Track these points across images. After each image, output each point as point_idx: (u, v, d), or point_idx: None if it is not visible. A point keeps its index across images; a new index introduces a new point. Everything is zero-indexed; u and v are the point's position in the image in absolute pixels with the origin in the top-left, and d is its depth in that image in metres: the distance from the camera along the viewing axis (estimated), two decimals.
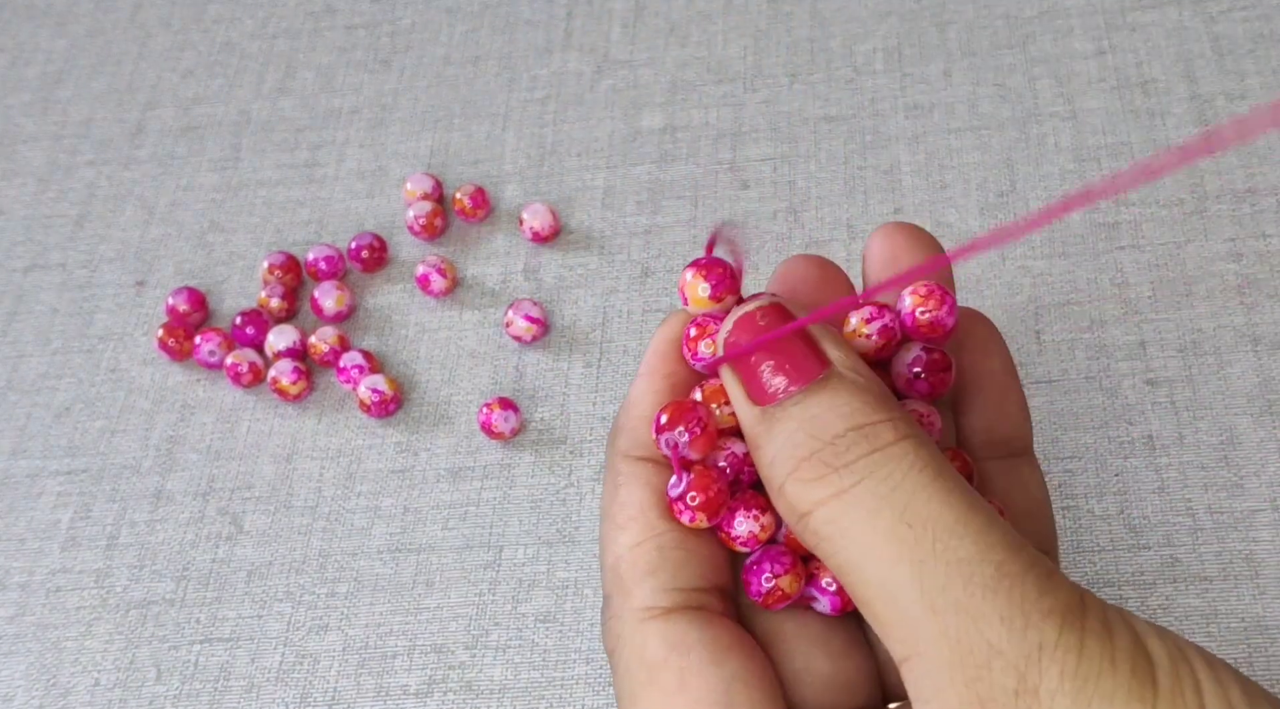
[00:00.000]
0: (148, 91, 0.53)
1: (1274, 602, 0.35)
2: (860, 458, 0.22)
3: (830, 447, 0.23)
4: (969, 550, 0.22)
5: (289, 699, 0.38)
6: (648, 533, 0.26)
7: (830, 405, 0.23)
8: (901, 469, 0.22)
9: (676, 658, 0.24)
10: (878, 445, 0.22)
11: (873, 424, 0.23)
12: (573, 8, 0.52)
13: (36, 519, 0.43)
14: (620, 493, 0.26)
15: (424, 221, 0.46)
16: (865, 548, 0.22)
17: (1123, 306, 0.40)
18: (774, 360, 0.24)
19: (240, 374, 0.44)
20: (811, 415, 0.23)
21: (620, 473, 0.26)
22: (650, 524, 0.26)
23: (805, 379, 0.23)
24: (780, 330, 0.24)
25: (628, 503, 0.26)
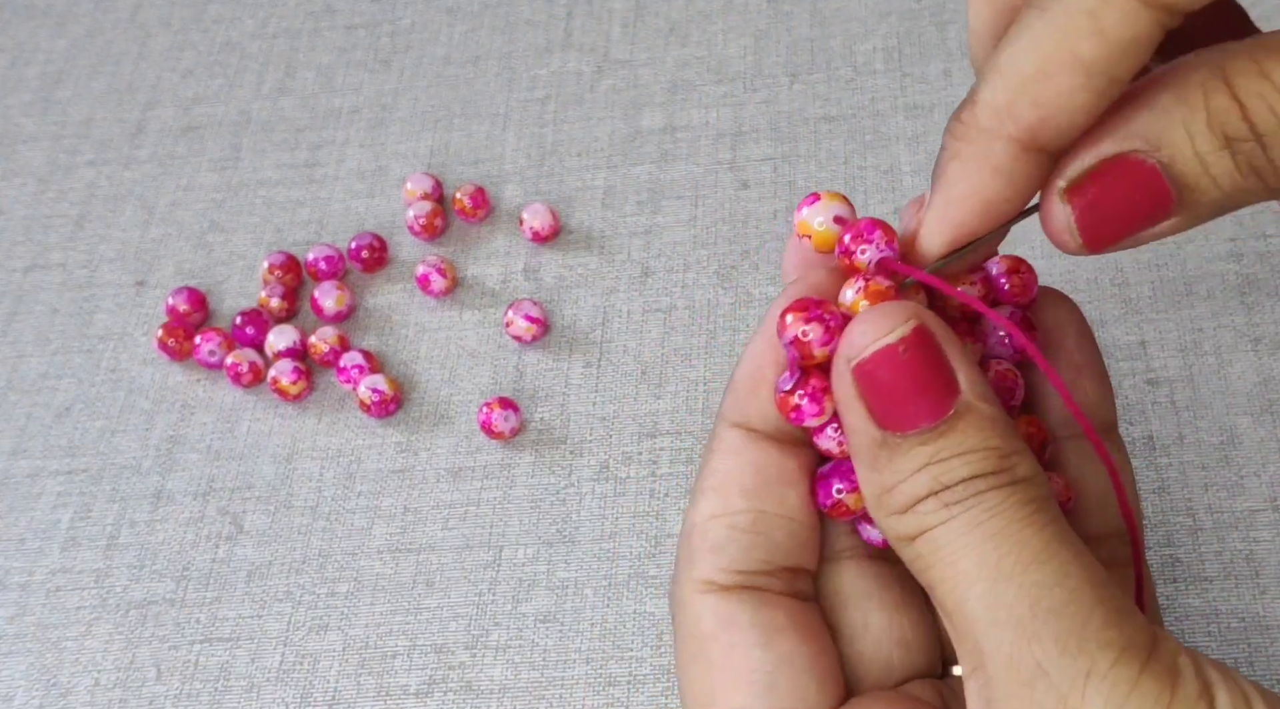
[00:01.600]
0: (148, 91, 0.53)
1: (1274, 602, 0.35)
2: (973, 495, 0.23)
3: (950, 491, 0.23)
4: (1045, 576, 0.22)
5: (289, 699, 0.38)
6: (725, 508, 0.25)
7: (958, 448, 0.23)
8: (1004, 502, 0.22)
9: (725, 635, 0.25)
10: (991, 484, 0.23)
11: (995, 473, 0.23)
12: (573, 8, 0.52)
13: (36, 519, 0.43)
14: (713, 459, 0.26)
15: (424, 221, 0.46)
16: (953, 565, 0.22)
17: (1123, 306, 0.40)
18: (906, 387, 0.23)
19: (240, 374, 0.44)
20: (938, 458, 0.23)
21: (719, 438, 0.26)
22: (730, 499, 0.25)
23: (937, 413, 0.23)
24: None
25: (717, 470, 0.26)
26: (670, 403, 0.41)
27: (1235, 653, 0.34)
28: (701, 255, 0.44)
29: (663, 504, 0.39)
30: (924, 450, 0.23)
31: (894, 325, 0.23)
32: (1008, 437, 0.23)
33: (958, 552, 0.22)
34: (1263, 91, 0.21)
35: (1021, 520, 0.22)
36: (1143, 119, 0.22)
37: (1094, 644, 0.21)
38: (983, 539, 0.22)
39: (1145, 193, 0.22)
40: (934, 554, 0.23)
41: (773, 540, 0.26)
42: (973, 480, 0.23)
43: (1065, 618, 0.21)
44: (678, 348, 0.42)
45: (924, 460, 0.23)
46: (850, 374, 0.24)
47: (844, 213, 0.25)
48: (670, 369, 0.42)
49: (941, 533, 0.23)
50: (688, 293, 0.43)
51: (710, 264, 0.44)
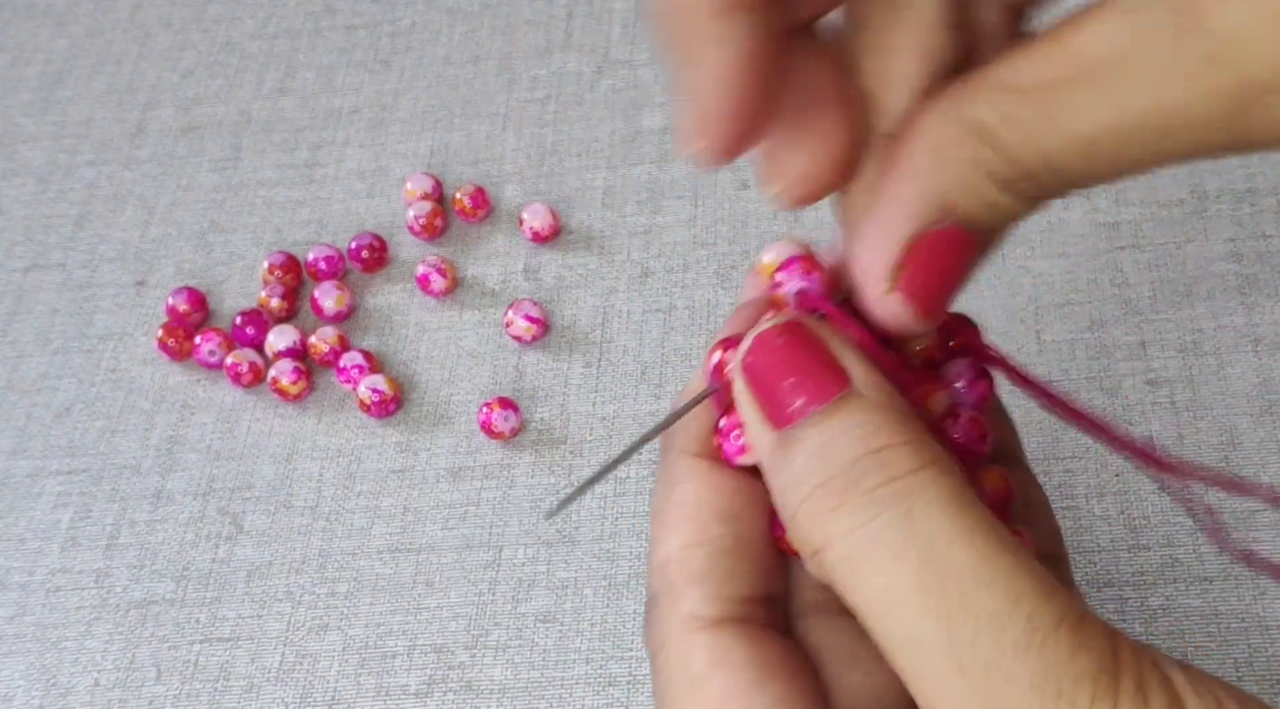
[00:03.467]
0: (148, 91, 0.53)
1: (1274, 602, 0.35)
2: (877, 487, 0.21)
3: (845, 474, 0.21)
4: (998, 603, 0.20)
5: (289, 699, 0.38)
6: (702, 536, 0.25)
7: (846, 428, 0.22)
8: (921, 505, 0.21)
9: (721, 675, 0.24)
10: (895, 473, 0.21)
11: (890, 447, 0.22)
12: (573, 8, 0.52)
13: (36, 519, 0.43)
14: (676, 491, 0.25)
15: (424, 221, 0.46)
16: (886, 595, 0.21)
17: (1123, 306, 0.40)
18: (791, 379, 0.23)
19: (240, 374, 0.44)
20: (826, 439, 0.22)
21: (677, 468, 0.25)
22: (704, 526, 0.25)
23: (824, 398, 0.22)
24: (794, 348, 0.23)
25: (684, 502, 0.25)
26: (670, 403, 0.41)
27: (1235, 653, 0.34)
28: (701, 255, 0.44)
29: None
30: (811, 432, 0.22)
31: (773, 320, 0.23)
32: (906, 420, 0.22)
33: (890, 578, 0.21)
34: (1013, 131, 0.21)
35: (947, 530, 0.21)
36: (924, 186, 0.22)
37: (1070, 681, 0.20)
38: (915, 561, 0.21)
39: (959, 251, 0.22)
40: (859, 577, 0.21)
41: (756, 565, 0.25)
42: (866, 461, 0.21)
43: (1034, 651, 0.20)
44: (678, 348, 0.42)
45: (815, 442, 0.22)
46: (740, 375, 0.23)
47: (796, 253, 0.25)
48: (670, 369, 0.42)
49: (856, 544, 0.21)
50: (688, 293, 0.43)
51: (710, 264, 0.44)
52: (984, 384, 0.25)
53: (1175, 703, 0.20)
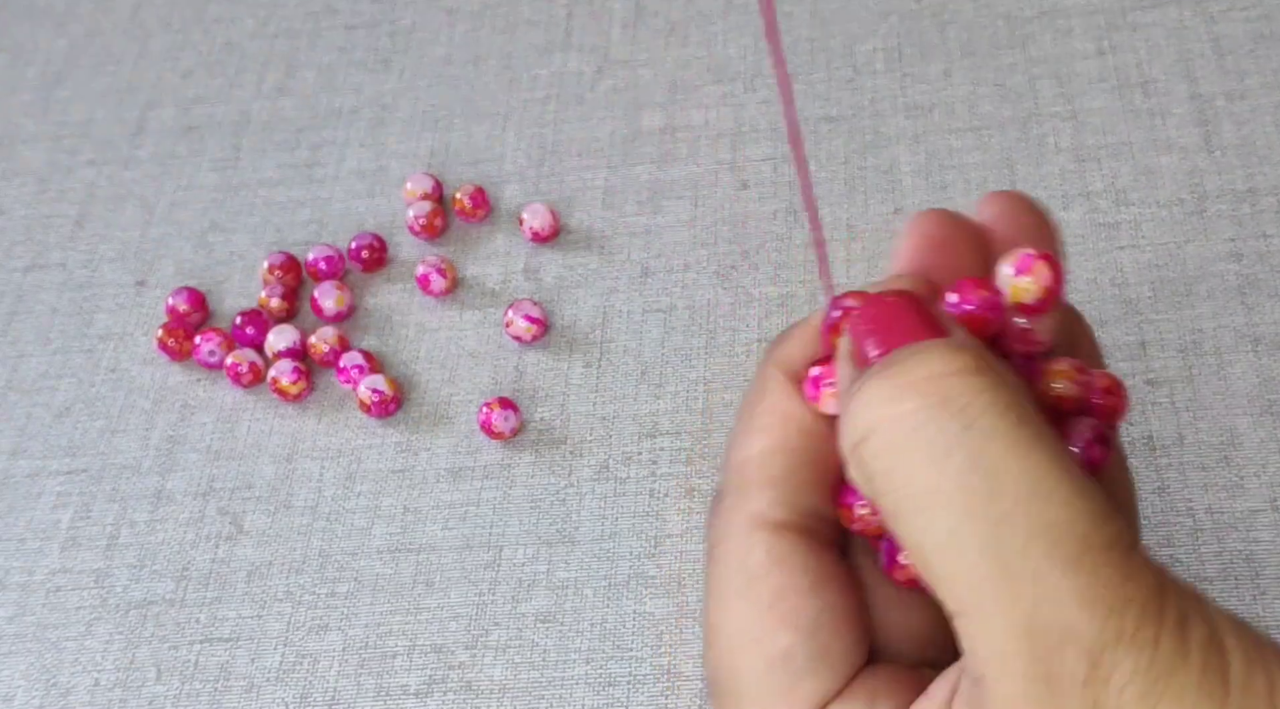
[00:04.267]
0: (148, 91, 0.53)
1: (1274, 602, 0.35)
2: (931, 377, 0.21)
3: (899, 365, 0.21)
4: (1055, 515, 0.20)
5: (289, 699, 0.38)
6: (783, 444, 0.25)
7: (923, 359, 0.21)
8: (978, 405, 0.20)
9: (778, 573, 0.24)
10: (957, 369, 0.21)
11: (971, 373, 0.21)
12: (573, 8, 0.52)
13: (36, 519, 0.43)
14: (768, 398, 0.25)
15: (424, 221, 0.46)
16: (930, 492, 0.20)
17: (1123, 307, 0.40)
18: (891, 329, 0.22)
19: (240, 374, 0.44)
20: (898, 362, 0.21)
21: (769, 380, 0.25)
22: (788, 436, 0.25)
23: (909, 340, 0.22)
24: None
25: (773, 409, 0.25)
26: (670, 403, 0.41)
27: None
28: (701, 255, 0.44)
29: (662, 504, 0.39)
30: (885, 361, 0.22)
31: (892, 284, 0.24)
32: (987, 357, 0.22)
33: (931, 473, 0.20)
34: None
35: (1004, 436, 0.20)
36: None
37: (1118, 601, 0.20)
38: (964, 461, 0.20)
39: None
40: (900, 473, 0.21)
41: (827, 485, 0.25)
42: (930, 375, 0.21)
43: (1085, 572, 0.20)
44: (678, 348, 0.42)
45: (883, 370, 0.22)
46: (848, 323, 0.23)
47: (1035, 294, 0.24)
48: (670, 369, 0.42)
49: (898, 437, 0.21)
50: (688, 293, 0.43)
51: (710, 264, 0.44)
52: (1099, 451, 0.25)
53: (1214, 640, 0.20)
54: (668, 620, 0.37)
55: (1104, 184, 0.43)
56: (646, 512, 0.39)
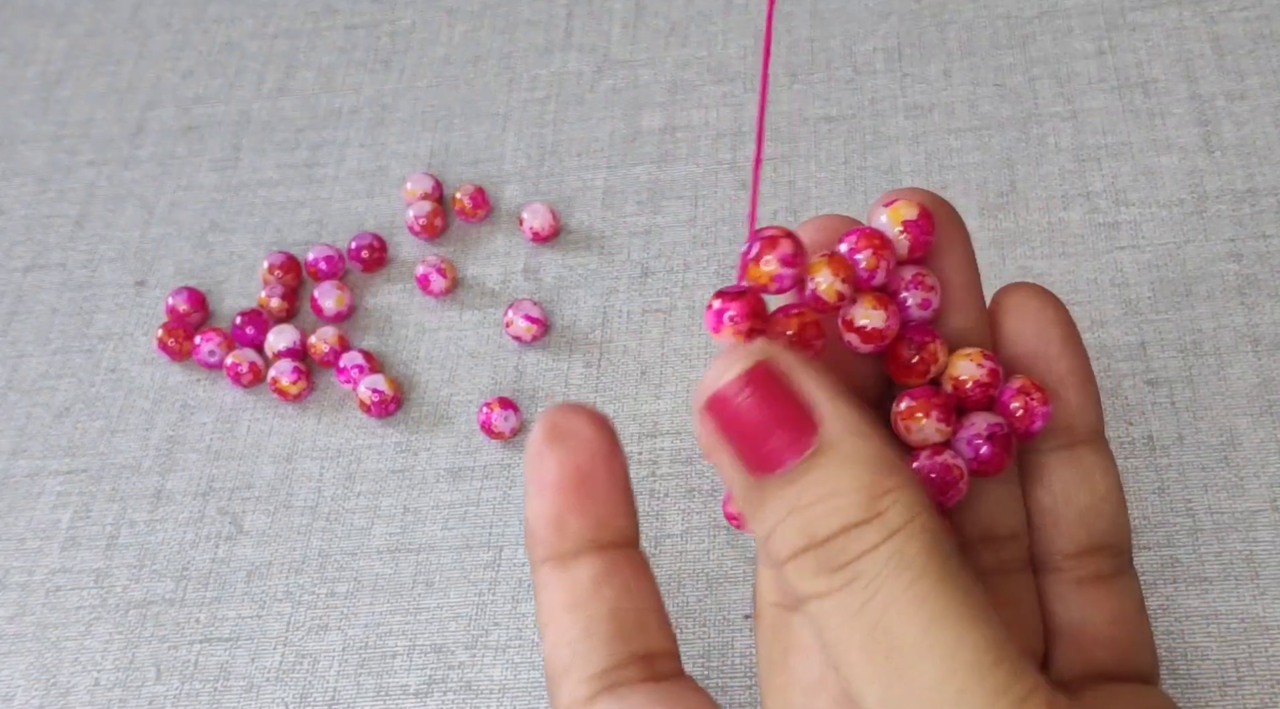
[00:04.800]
0: (148, 91, 0.53)
1: (1274, 602, 0.35)
2: (848, 563, 0.22)
3: (823, 547, 0.22)
4: (931, 675, 0.21)
5: (289, 699, 0.38)
6: (561, 633, 0.26)
7: (822, 491, 0.22)
8: (881, 575, 0.22)
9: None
10: (864, 548, 0.22)
11: (863, 524, 0.22)
12: (573, 8, 0.52)
13: (36, 519, 0.43)
14: (539, 600, 0.27)
15: (424, 221, 0.46)
16: (844, 654, 0.22)
17: (1123, 307, 0.40)
18: (759, 424, 0.23)
19: (240, 374, 0.44)
20: (806, 503, 0.22)
21: (537, 581, 0.27)
22: (559, 622, 0.26)
23: (796, 451, 0.22)
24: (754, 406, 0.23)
25: (544, 606, 0.27)
26: (670, 403, 0.41)
27: (1235, 654, 0.34)
28: (701, 255, 0.44)
29: (662, 504, 0.39)
30: (789, 492, 0.22)
31: (734, 364, 0.23)
32: (876, 470, 0.22)
33: (846, 640, 0.22)
34: None
35: (897, 600, 0.21)
36: None
37: None
38: (866, 630, 0.22)
39: None
40: (826, 631, 0.22)
41: (610, 637, 0.26)
42: (842, 537, 0.22)
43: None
44: (678, 348, 0.42)
45: (790, 504, 0.22)
46: (707, 416, 0.23)
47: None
48: (670, 369, 0.42)
49: (828, 608, 0.22)
50: (688, 293, 0.43)
51: (710, 264, 0.44)
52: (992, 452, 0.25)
53: None
54: None
55: (1104, 184, 0.43)
56: (646, 511, 0.39)
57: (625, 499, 0.27)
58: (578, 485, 0.26)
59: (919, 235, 0.25)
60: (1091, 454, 0.27)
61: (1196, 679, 0.34)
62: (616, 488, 0.27)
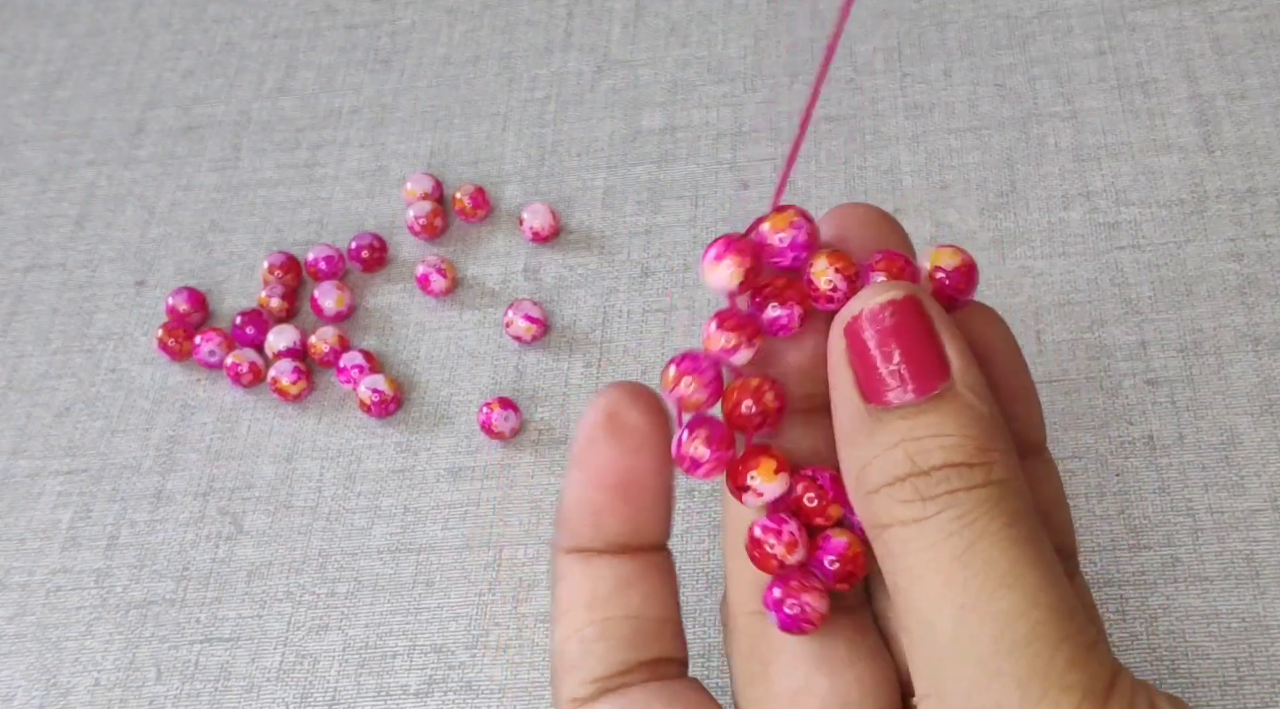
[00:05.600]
0: (148, 91, 0.53)
1: (1275, 602, 0.35)
2: (947, 492, 0.22)
3: (926, 477, 0.22)
4: (1011, 604, 0.21)
5: (289, 699, 0.38)
6: (574, 626, 0.26)
7: (939, 430, 0.22)
8: (978, 511, 0.22)
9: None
10: (967, 484, 0.22)
11: (970, 466, 0.22)
12: (573, 8, 0.52)
13: (36, 519, 0.43)
14: (557, 589, 0.27)
15: (424, 221, 0.46)
16: (919, 580, 0.22)
17: (1123, 306, 0.40)
18: (897, 358, 0.23)
19: (240, 374, 0.44)
20: (917, 436, 0.22)
21: (556, 568, 0.27)
22: (576, 617, 0.26)
23: (922, 390, 0.23)
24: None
25: (562, 596, 0.26)
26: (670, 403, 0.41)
27: (1235, 653, 0.34)
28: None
29: None
30: (902, 425, 0.23)
31: (888, 292, 0.23)
32: (990, 432, 0.23)
33: (925, 564, 0.22)
34: None
35: (992, 535, 0.22)
36: None
37: (1057, 688, 0.21)
38: (950, 557, 0.22)
39: None
40: (903, 557, 0.22)
41: (624, 642, 0.26)
42: (947, 471, 0.22)
43: (1029, 656, 0.21)
44: (678, 348, 0.42)
45: (901, 435, 0.23)
46: (841, 336, 0.23)
47: None
48: None
49: (912, 535, 0.22)
50: (688, 293, 0.43)
51: None
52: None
53: None
54: None
55: (1104, 184, 0.43)
56: None
57: (667, 503, 0.27)
58: (625, 487, 0.26)
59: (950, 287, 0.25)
60: (1040, 466, 0.27)
61: (1197, 679, 0.34)
62: (662, 493, 0.27)
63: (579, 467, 0.26)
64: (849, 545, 0.25)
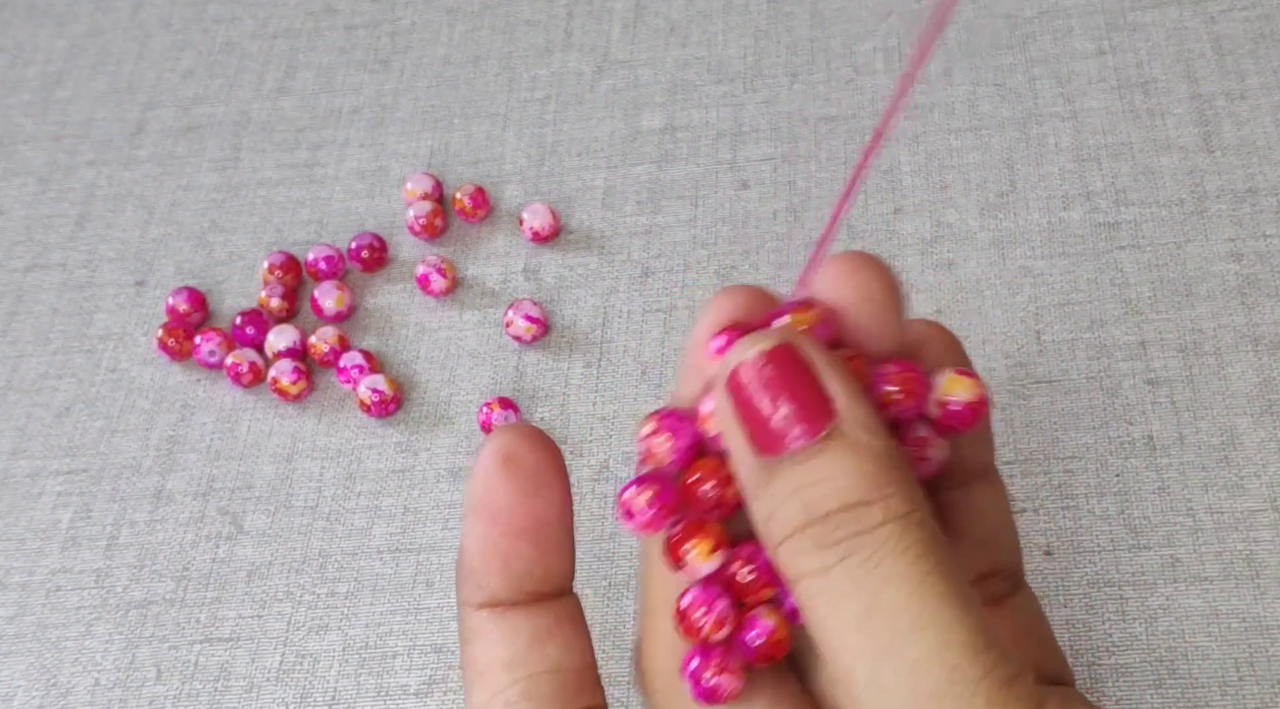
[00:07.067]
0: (148, 91, 0.53)
1: (1274, 602, 0.35)
2: (848, 538, 0.22)
3: (822, 523, 0.22)
4: (924, 649, 0.21)
5: (289, 699, 0.38)
6: (494, 689, 0.25)
7: (828, 474, 0.22)
8: (880, 553, 0.22)
9: None
10: (865, 527, 0.22)
11: (866, 505, 0.22)
12: (573, 8, 0.52)
13: (36, 519, 0.43)
14: (468, 649, 0.26)
15: (424, 221, 0.46)
16: (833, 633, 0.22)
17: (1123, 306, 0.40)
18: (779, 405, 0.23)
19: (240, 374, 0.44)
20: (809, 482, 0.22)
21: (467, 627, 0.26)
22: (495, 680, 0.25)
23: (808, 434, 0.22)
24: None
25: (475, 659, 0.26)
26: None
27: (1235, 653, 0.34)
28: (701, 255, 0.44)
29: None
30: (795, 472, 0.22)
31: (759, 342, 0.23)
32: (883, 466, 0.22)
33: (837, 616, 0.22)
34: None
35: (897, 577, 0.21)
36: None
37: None
38: (860, 609, 0.21)
39: None
40: (815, 610, 0.22)
41: (549, 699, 0.25)
42: (842, 515, 0.22)
43: (949, 701, 0.21)
44: (678, 348, 0.42)
45: (794, 484, 0.22)
46: (725, 392, 0.23)
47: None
48: (670, 369, 0.42)
49: (818, 588, 0.22)
50: (688, 293, 0.43)
51: (710, 264, 0.44)
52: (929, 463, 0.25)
53: None
54: None
55: (1104, 184, 0.43)
56: None
57: (571, 546, 0.26)
58: (532, 530, 0.25)
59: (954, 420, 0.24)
60: (986, 490, 0.27)
61: (1197, 679, 0.34)
62: (566, 535, 0.26)
63: (478, 513, 0.25)
64: (775, 629, 0.24)
